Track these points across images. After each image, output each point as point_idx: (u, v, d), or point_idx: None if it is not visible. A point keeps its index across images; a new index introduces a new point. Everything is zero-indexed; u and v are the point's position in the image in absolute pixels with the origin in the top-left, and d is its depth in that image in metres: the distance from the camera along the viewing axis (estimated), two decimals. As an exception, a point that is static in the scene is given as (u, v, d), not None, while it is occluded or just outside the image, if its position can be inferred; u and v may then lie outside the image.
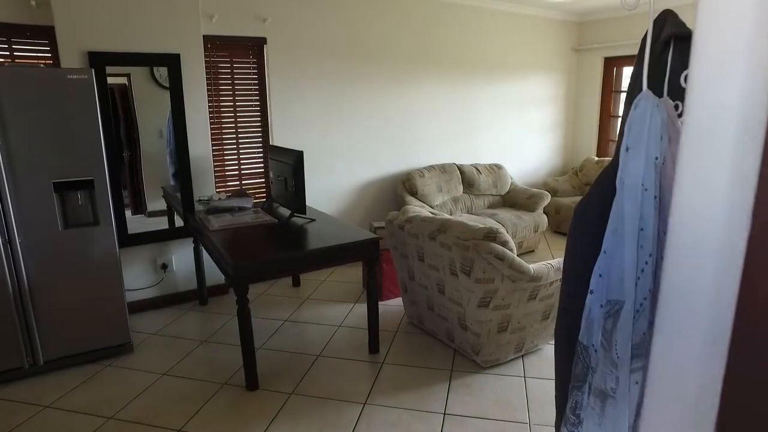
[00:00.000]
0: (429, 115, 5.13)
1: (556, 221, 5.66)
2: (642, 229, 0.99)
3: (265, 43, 4.13)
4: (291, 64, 4.26)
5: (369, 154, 4.80)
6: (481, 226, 2.73)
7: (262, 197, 4.33)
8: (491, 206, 5.29)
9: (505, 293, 2.71)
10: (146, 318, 3.62)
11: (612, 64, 6.04)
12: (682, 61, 1.04)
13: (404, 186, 4.78)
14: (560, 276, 2.85)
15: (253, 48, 4.13)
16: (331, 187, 4.64)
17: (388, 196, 5.00)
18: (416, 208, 3.28)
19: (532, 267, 2.70)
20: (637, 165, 0.99)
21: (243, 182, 4.25)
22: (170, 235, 3.78)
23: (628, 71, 6.01)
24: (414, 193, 4.72)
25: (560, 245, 5.30)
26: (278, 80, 4.23)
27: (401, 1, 4.70)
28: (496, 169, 5.38)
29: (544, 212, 5.16)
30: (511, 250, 2.67)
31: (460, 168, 5.18)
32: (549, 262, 2.86)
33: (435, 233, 2.84)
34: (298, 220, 3.27)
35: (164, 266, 3.77)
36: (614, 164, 1.53)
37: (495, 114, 5.70)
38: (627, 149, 1.01)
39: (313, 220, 3.26)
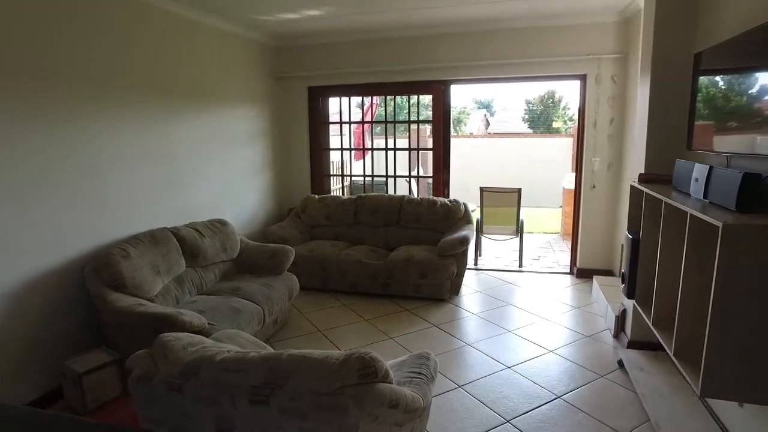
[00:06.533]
0: (117, 161, 3.43)
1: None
2: None
3: None
4: None
5: (18, 231, 2.78)
6: (341, 355, 1.62)
7: None
8: (226, 277, 3.99)
9: (391, 449, 1.70)
10: None
11: (317, 94, 5.61)
12: None
13: (100, 277, 2.99)
14: (434, 376, 2.03)
15: None
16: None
17: (70, 298, 3.04)
18: (196, 339, 1.83)
19: (417, 394, 1.78)
20: None
21: None
22: None
23: (334, 102, 5.70)
24: (120, 286, 3.00)
25: (312, 305, 4.47)
26: None
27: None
28: (220, 227, 4.09)
29: (286, 270, 4.22)
30: (391, 380, 1.68)
31: (176, 233, 3.67)
32: (418, 373, 1.99)
33: (263, 391, 1.55)
34: None
35: None
36: None
37: (202, 154, 4.39)
38: None
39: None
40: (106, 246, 3.23)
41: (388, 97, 5.77)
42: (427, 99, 5.75)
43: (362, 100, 5.65)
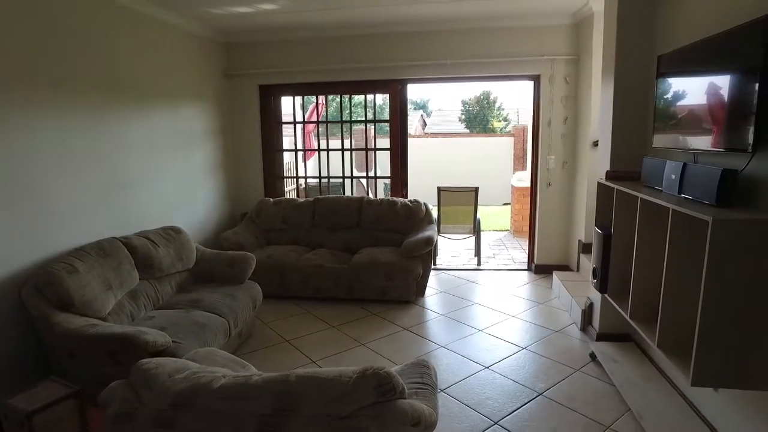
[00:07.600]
0: (58, 166, 3.08)
1: (252, 284, 4.55)
2: None
3: None
4: None
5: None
6: (354, 372, 1.50)
7: None
8: (183, 289, 3.70)
9: (406, 469, 1.59)
10: None
11: (269, 93, 5.37)
12: None
13: (43, 297, 2.65)
14: (437, 384, 1.95)
15: None
16: None
17: (3, 323, 2.68)
18: (180, 364, 1.62)
19: (430, 407, 1.69)
20: None
21: None
22: None
23: (287, 101, 5.49)
24: (68, 305, 2.67)
25: (274, 314, 4.25)
26: None
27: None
28: (174, 235, 3.79)
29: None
30: (407, 396, 1.58)
31: (127, 243, 3.35)
32: (422, 383, 1.90)
33: (274, 419, 1.39)
34: None
35: None
36: None
37: (150, 157, 4.06)
38: None
39: None
40: (47, 261, 2.88)
41: (332, 97, 5.62)
42: (369, 99, 5.64)
43: (317, 99, 5.47)
